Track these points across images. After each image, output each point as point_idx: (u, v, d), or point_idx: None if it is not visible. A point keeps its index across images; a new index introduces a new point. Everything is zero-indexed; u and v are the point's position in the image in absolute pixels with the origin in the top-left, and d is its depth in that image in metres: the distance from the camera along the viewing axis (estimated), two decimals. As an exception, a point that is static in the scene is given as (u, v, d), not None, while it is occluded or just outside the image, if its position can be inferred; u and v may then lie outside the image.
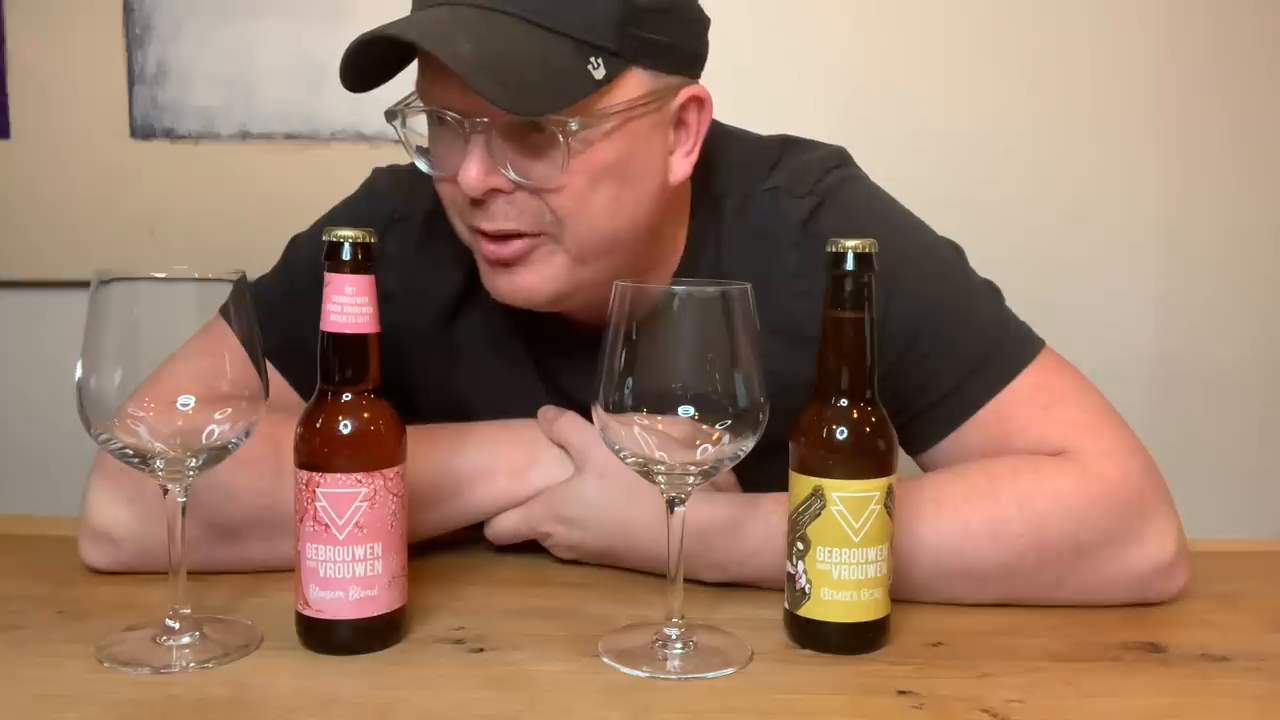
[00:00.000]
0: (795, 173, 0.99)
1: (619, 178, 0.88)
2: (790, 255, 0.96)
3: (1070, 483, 0.88)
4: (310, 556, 0.76)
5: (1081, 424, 0.92)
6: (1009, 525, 0.86)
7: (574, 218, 0.87)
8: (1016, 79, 1.67)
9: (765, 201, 0.97)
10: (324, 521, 0.75)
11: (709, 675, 0.75)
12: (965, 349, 0.94)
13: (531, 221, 0.87)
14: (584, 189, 0.86)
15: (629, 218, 0.90)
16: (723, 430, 0.73)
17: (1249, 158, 1.70)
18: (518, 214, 0.87)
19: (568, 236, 0.88)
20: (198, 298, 0.76)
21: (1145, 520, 0.88)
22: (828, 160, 1.01)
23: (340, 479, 0.75)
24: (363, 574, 0.76)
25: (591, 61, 0.83)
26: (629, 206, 0.89)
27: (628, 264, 0.92)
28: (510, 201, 0.87)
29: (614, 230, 0.89)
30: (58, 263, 1.70)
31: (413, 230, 1.02)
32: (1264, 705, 0.73)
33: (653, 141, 0.90)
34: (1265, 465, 1.74)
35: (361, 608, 0.77)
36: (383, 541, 0.77)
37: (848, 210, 0.97)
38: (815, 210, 0.96)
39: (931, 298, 0.94)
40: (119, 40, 1.67)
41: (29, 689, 0.72)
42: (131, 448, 0.75)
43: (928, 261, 0.97)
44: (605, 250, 0.90)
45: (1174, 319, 1.73)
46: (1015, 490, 0.87)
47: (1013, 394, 0.93)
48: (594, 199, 0.87)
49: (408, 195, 1.03)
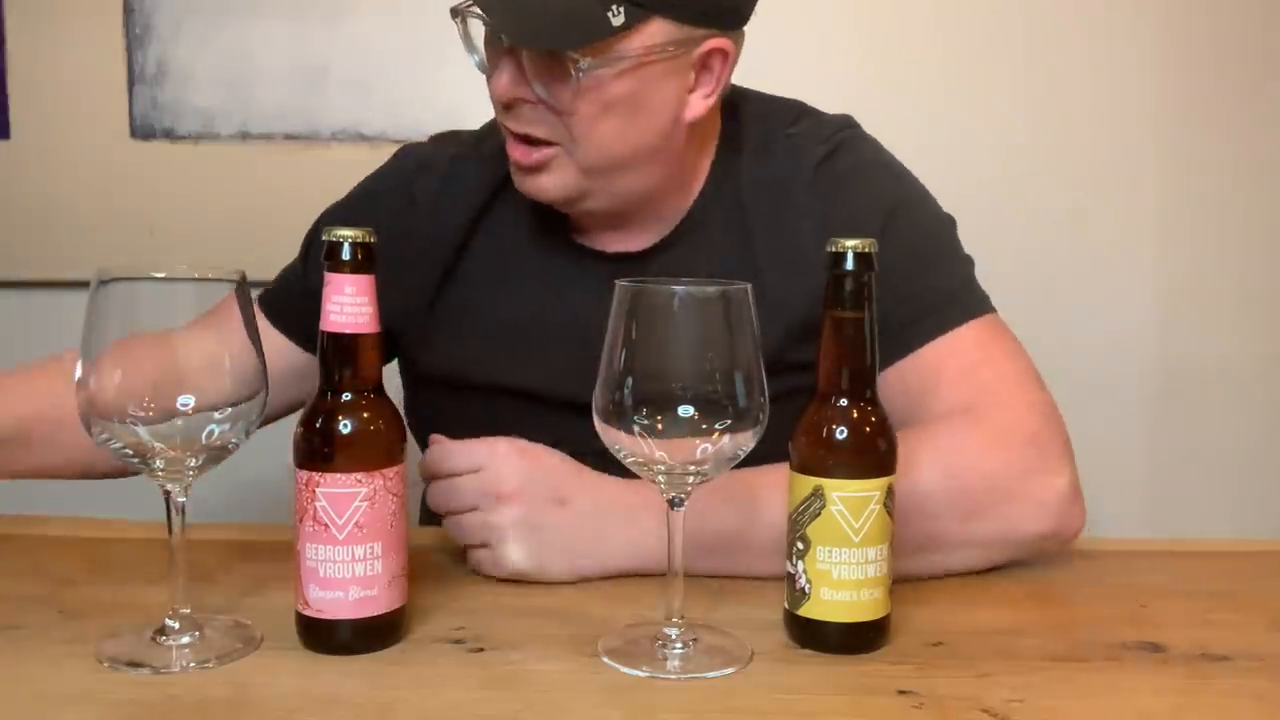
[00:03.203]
0: (813, 126, 1.09)
1: (628, 110, 0.97)
2: (802, 193, 1.05)
3: (970, 432, 0.94)
4: (310, 556, 0.76)
5: (997, 386, 0.98)
6: (922, 475, 0.90)
7: (583, 139, 0.97)
8: (1016, 78, 1.68)
9: (784, 146, 1.07)
10: (324, 521, 0.75)
11: (709, 675, 0.75)
12: (927, 293, 1.01)
13: (548, 131, 0.98)
14: (594, 116, 0.96)
15: (634, 145, 0.99)
16: (723, 430, 0.73)
17: (1249, 157, 1.70)
18: (540, 122, 0.98)
19: (578, 152, 0.98)
20: (198, 298, 0.76)
21: (1039, 457, 0.94)
22: (842, 121, 1.11)
23: (340, 479, 0.75)
24: (363, 574, 0.76)
25: (613, 10, 0.91)
26: (635, 136, 0.99)
27: (641, 183, 1.03)
28: (535, 110, 0.97)
29: (620, 154, 0.99)
30: (58, 263, 1.70)
31: (436, 174, 1.13)
32: (1264, 705, 0.73)
33: (668, 82, 0.98)
34: (1265, 465, 1.74)
35: (361, 607, 0.76)
36: (383, 541, 0.77)
37: (858, 158, 1.08)
38: (829, 155, 1.06)
39: (916, 240, 1.03)
40: (119, 40, 1.67)
41: (29, 689, 0.72)
42: (131, 448, 0.75)
43: (922, 211, 1.07)
44: (613, 169, 1.00)
45: (1174, 319, 1.73)
46: (932, 449, 0.92)
47: (950, 342, 0.99)
48: (601, 126, 0.97)
49: (431, 150, 1.16)
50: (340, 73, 1.66)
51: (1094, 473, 1.73)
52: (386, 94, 1.65)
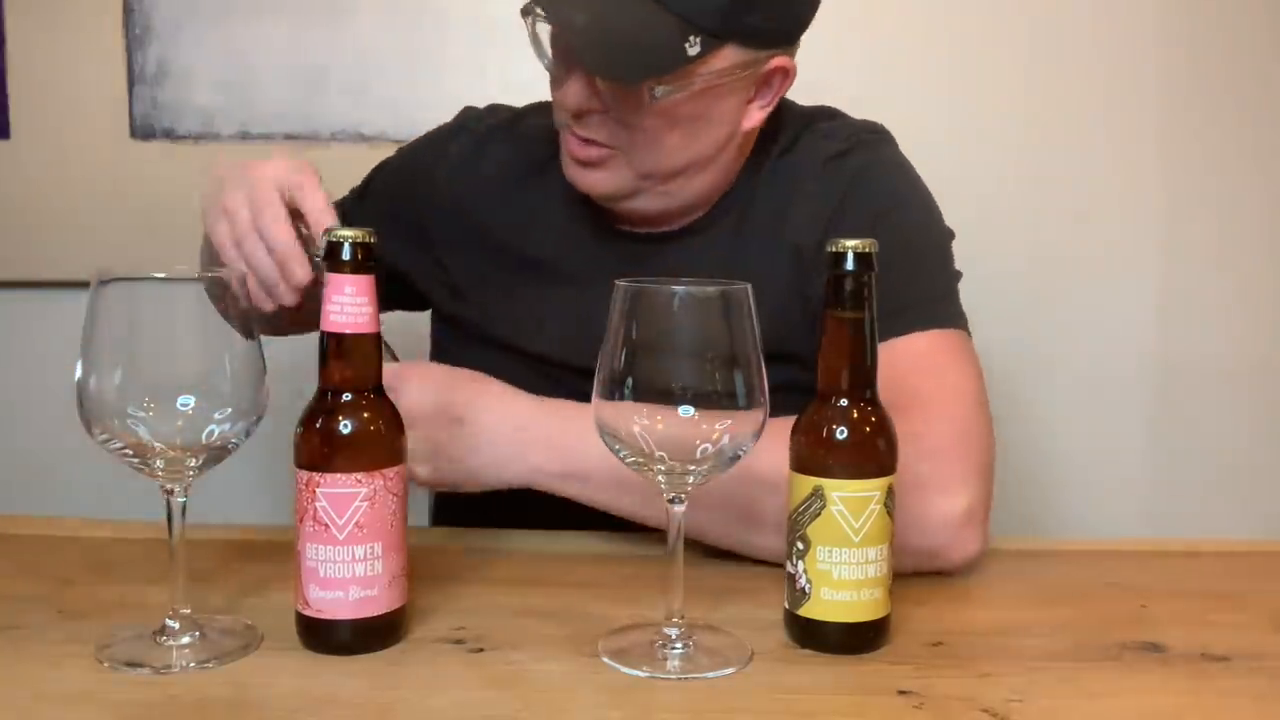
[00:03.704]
0: (838, 127, 1.13)
1: (693, 126, 1.02)
2: (810, 184, 1.08)
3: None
4: (310, 556, 0.76)
5: (929, 398, 0.95)
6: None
7: (646, 148, 1.02)
8: (1017, 79, 1.67)
9: (806, 143, 1.11)
10: (324, 521, 0.75)
11: (709, 675, 0.75)
12: (903, 291, 0.98)
13: (611, 137, 1.02)
14: (660, 130, 1.01)
15: (693, 157, 1.04)
16: (723, 430, 0.73)
17: (1250, 157, 1.70)
18: (604, 129, 1.02)
19: (637, 159, 1.03)
20: (198, 298, 0.76)
21: (934, 474, 0.90)
22: (870, 125, 1.14)
23: (340, 479, 0.75)
24: (363, 574, 0.76)
25: (690, 40, 0.94)
26: (696, 147, 1.04)
27: (692, 189, 1.07)
28: (602, 119, 1.01)
29: (679, 163, 1.04)
30: (58, 263, 1.70)
31: (472, 138, 1.18)
32: (1264, 705, 0.73)
33: (732, 98, 1.02)
34: (1265, 465, 1.74)
35: (361, 608, 0.76)
36: (383, 541, 0.76)
37: (872, 158, 1.10)
38: (844, 151, 1.09)
39: (900, 243, 1.01)
40: (119, 40, 1.67)
41: (29, 689, 0.72)
42: (131, 448, 0.75)
43: (917, 217, 1.09)
44: (669, 176, 1.05)
45: (1174, 319, 1.73)
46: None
47: (903, 345, 0.99)
48: (667, 140, 1.02)
49: (478, 116, 1.21)
50: (340, 73, 1.66)
51: (1094, 472, 1.75)
52: (386, 94, 1.65)
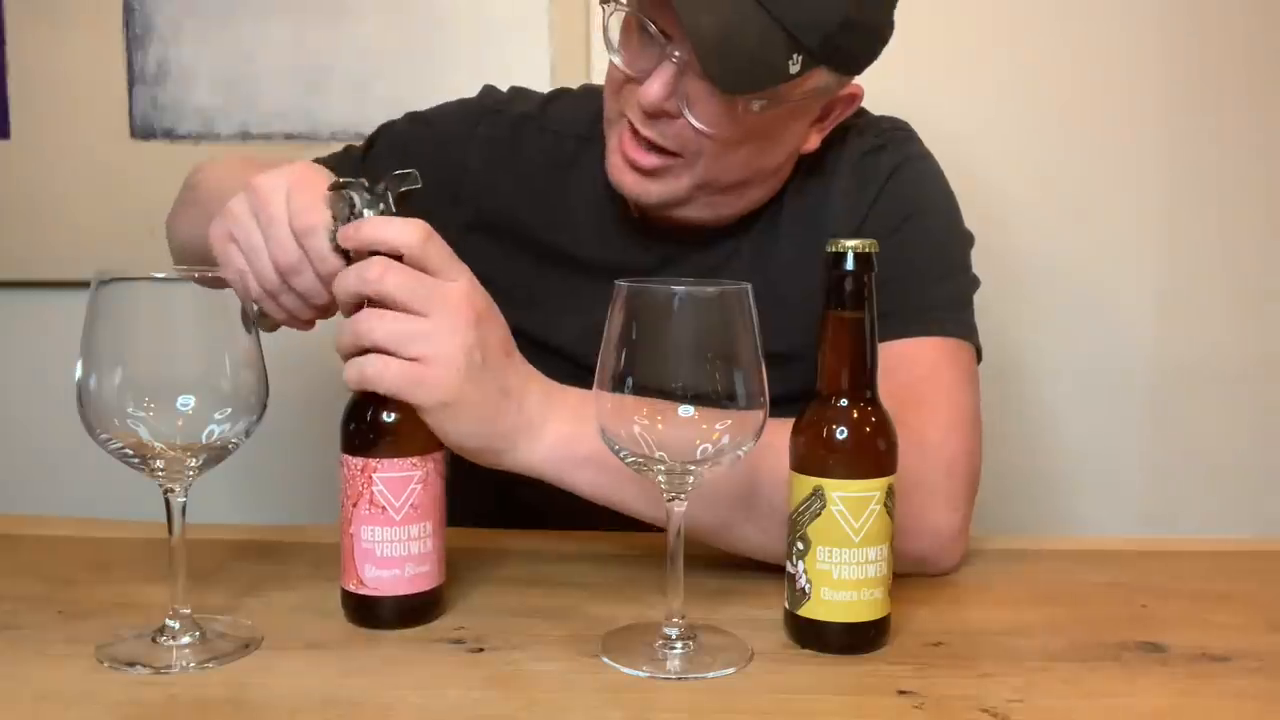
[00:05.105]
0: (871, 125, 1.12)
1: (764, 143, 1.01)
2: (844, 180, 1.08)
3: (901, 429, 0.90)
4: (366, 538, 0.80)
5: (943, 410, 0.96)
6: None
7: (714, 158, 0.99)
8: (1017, 78, 1.67)
9: (838, 142, 1.09)
10: (380, 504, 0.80)
11: (709, 675, 0.75)
12: (911, 298, 0.99)
13: (676, 143, 0.99)
14: (732, 141, 0.98)
15: (753, 172, 1.03)
16: (723, 430, 0.73)
17: (1250, 156, 1.70)
18: (671, 134, 0.98)
19: (701, 169, 1.00)
20: (198, 298, 0.76)
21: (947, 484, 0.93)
22: (897, 122, 1.14)
23: (397, 463, 0.80)
24: (417, 551, 0.81)
25: (793, 58, 0.92)
26: (758, 163, 1.03)
27: (742, 205, 1.06)
28: (673, 123, 0.98)
29: (739, 177, 1.03)
30: (58, 263, 1.69)
31: (503, 122, 1.15)
32: (1264, 705, 0.73)
33: (804, 119, 1.03)
34: (1265, 465, 1.74)
35: (415, 583, 0.81)
36: (432, 520, 0.82)
37: (904, 155, 1.09)
38: (876, 149, 1.09)
39: (923, 248, 1.05)
40: (119, 40, 1.67)
41: (29, 689, 0.72)
42: (131, 448, 0.75)
43: (941, 221, 1.09)
44: (725, 188, 1.03)
45: (1174, 318, 1.72)
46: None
47: (912, 349, 0.98)
48: (737, 152, 0.99)
49: (506, 100, 1.18)
50: (340, 73, 1.66)
51: (1093, 472, 1.75)
52: (386, 94, 1.65)
